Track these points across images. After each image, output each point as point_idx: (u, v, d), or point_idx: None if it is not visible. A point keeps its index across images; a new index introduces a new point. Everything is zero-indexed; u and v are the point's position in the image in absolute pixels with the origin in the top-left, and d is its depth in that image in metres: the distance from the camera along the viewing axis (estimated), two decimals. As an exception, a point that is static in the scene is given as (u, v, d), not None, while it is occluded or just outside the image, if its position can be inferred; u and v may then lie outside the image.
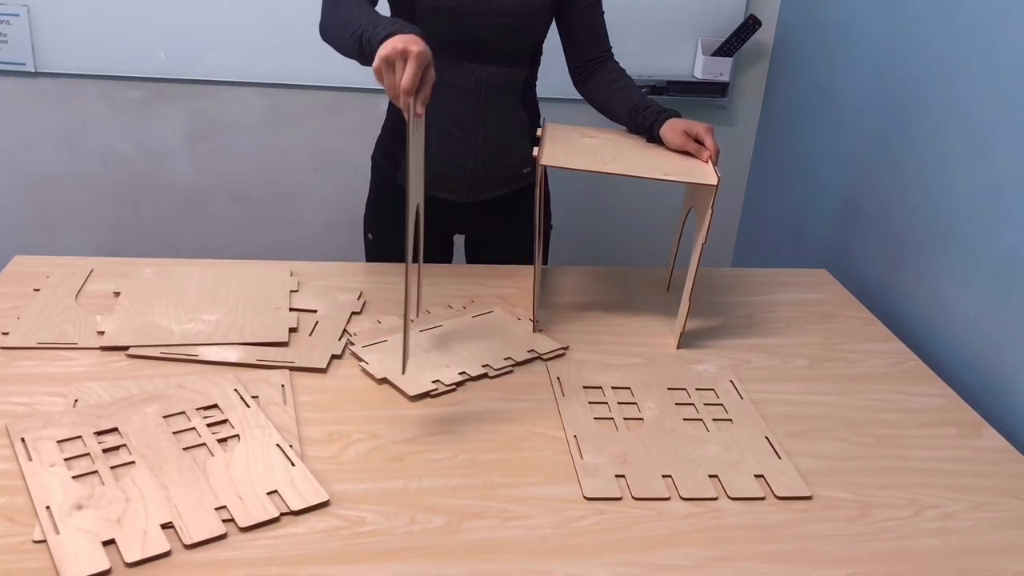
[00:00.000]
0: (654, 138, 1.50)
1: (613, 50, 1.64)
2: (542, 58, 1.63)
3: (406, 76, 1.09)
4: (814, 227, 2.11)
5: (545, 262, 1.70)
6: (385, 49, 1.11)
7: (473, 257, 1.82)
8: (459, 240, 1.83)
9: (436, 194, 1.62)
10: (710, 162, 1.41)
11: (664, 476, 1.12)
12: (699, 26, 2.33)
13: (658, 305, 1.58)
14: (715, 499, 1.09)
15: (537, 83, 1.66)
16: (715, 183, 1.33)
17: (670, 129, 1.46)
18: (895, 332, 1.58)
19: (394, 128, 1.64)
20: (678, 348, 1.44)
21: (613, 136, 1.54)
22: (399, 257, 1.68)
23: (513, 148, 1.62)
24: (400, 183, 1.63)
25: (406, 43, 1.10)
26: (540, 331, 1.45)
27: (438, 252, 1.77)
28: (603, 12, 1.60)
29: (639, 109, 1.53)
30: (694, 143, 1.43)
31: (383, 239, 1.74)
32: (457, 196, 1.64)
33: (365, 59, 1.22)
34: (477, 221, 1.71)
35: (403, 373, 1.21)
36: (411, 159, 1.11)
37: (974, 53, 1.53)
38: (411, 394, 1.26)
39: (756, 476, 1.14)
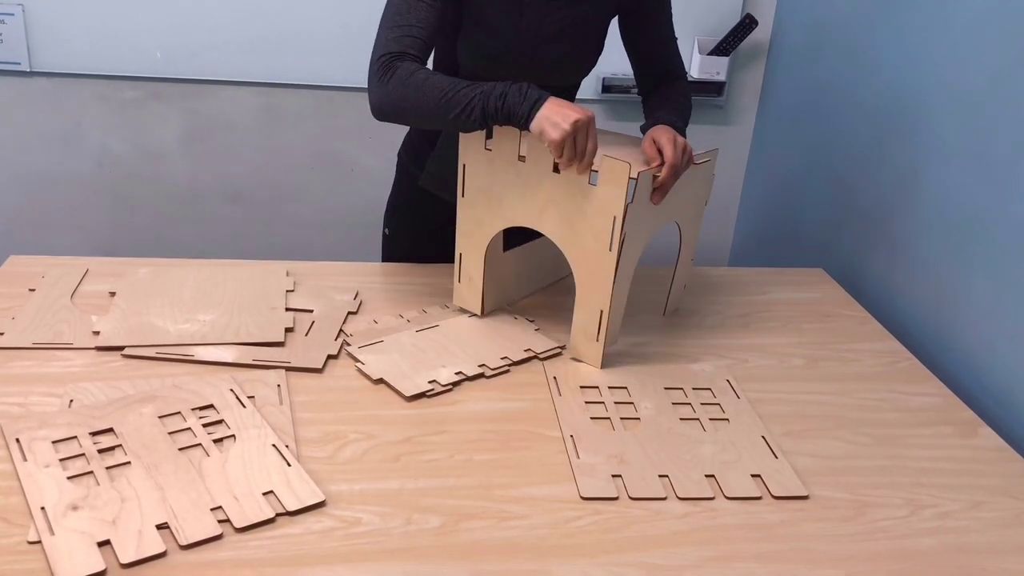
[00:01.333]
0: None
1: (681, 73, 1.58)
2: None
3: (590, 147, 1.22)
4: (810, 226, 2.11)
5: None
6: (566, 124, 1.18)
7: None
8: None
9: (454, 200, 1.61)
10: (652, 175, 1.31)
11: (661, 476, 1.12)
12: (695, 25, 2.33)
13: (655, 304, 1.58)
14: (712, 499, 1.09)
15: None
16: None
17: (647, 134, 1.40)
18: (892, 331, 1.58)
19: (422, 132, 1.64)
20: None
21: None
22: (412, 254, 1.72)
23: None
24: (422, 186, 1.63)
25: (578, 113, 1.19)
26: (537, 330, 1.45)
27: (445, 250, 1.77)
28: (675, 40, 1.54)
29: (649, 117, 1.48)
30: (654, 150, 1.34)
31: (398, 236, 1.75)
32: None
33: (488, 125, 1.26)
34: None
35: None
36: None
37: (971, 51, 1.53)
38: (407, 394, 1.26)
39: (753, 476, 1.14)
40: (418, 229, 1.71)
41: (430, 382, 1.29)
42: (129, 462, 1.07)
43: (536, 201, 1.34)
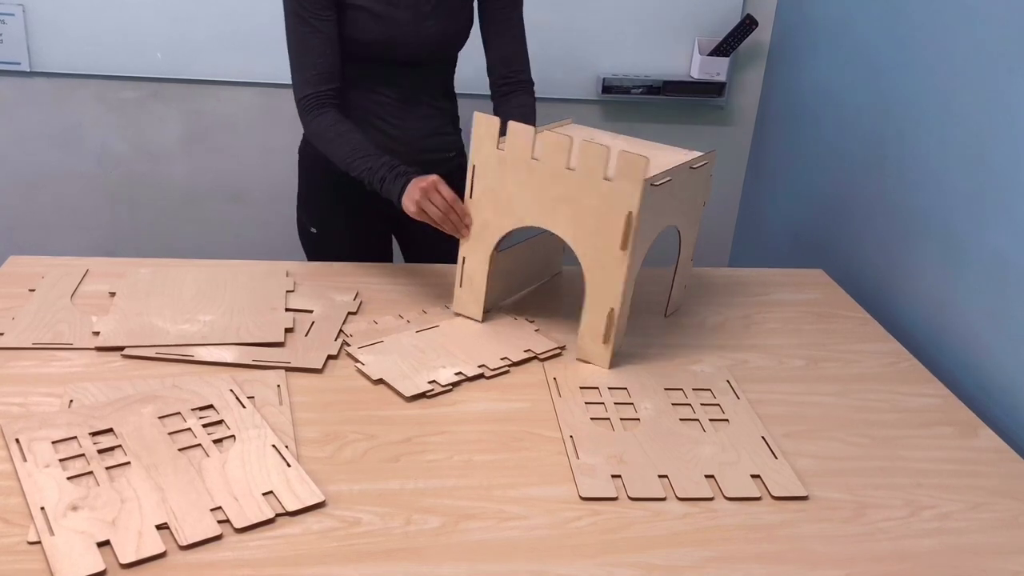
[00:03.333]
0: None
1: (528, 74, 1.66)
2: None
3: (445, 196, 1.37)
4: (811, 227, 2.11)
5: None
6: (415, 195, 1.38)
7: (411, 252, 1.85)
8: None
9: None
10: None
11: (660, 476, 1.12)
12: (696, 26, 2.32)
13: (655, 305, 1.58)
14: (711, 499, 1.09)
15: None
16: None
17: None
18: (892, 332, 1.58)
19: None
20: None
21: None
22: (346, 251, 1.71)
23: (438, 135, 1.69)
24: (337, 170, 1.61)
25: (423, 183, 1.37)
26: (537, 331, 1.45)
27: (385, 243, 1.82)
28: (522, 31, 1.64)
29: None
30: None
31: (328, 232, 1.74)
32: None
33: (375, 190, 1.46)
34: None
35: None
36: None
37: (969, 53, 1.53)
38: (407, 395, 1.26)
39: (752, 476, 1.14)
40: (347, 216, 1.72)
41: (430, 382, 1.29)
42: (129, 462, 1.07)
43: (548, 199, 1.33)
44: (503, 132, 1.36)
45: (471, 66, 1.66)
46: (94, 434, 1.11)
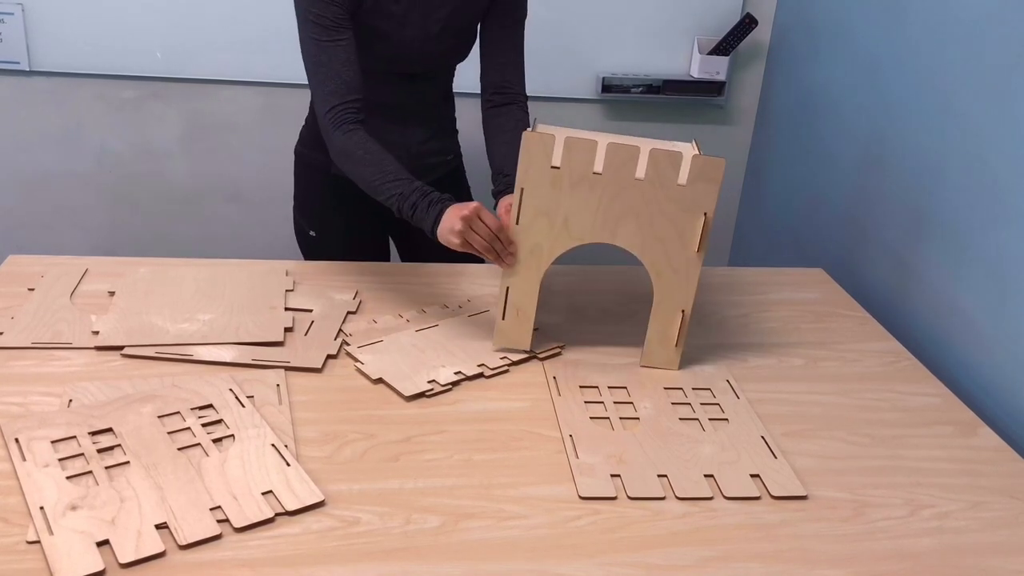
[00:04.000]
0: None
1: (522, 94, 1.63)
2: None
3: (490, 224, 1.28)
4: (810, 226, 2.11)
5: None
6: (458, 226, 1.27)
7: (408, 252, 1.85)
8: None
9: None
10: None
11: (660, 476, 1.12)
12: (695, 25, 2.32)
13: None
14: (711, 499, 1.09)
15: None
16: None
17: (503, 201, 1.47)
18: (891, 331, 1.58)
19: None
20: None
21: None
22: (345, 253, 1.71)
23: (436, 139, 1.69)
24: (335, 173, 1.61)
25: (464, 211, 1.28)
26: (537, 330, 1.45)
27: (382, 245, 1.81)
28: (521, 50, 1.61)
29: (495, 170, 1.56)
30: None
31: (327, 235, 1.74)
32: None
33: (403, 216, 1.37)
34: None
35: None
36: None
37: (969, 52, 1.53)
38: (407, 394, 1.26)
39: (752, 476, 1.14)
40: (346, 218, 1.71)
41: (429, 382, 1.29)
42: (128, 462, 1.07)
43: (612, 214, 1.30)
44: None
45: (471, 67, 1.66)
46: (93, 433, 1.11)
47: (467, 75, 1.68)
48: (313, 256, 1.76)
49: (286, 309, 1.46)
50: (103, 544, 0.94)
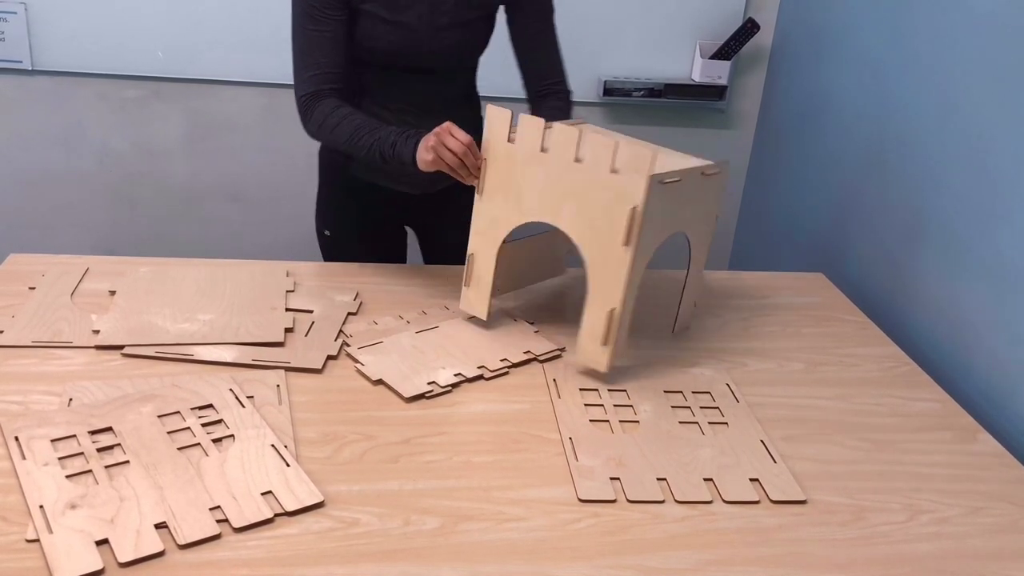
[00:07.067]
0: None
1: (563, 84, 1.63)
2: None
3: (461, 139, 1.32)
4: (811, 230, 2.11)
5: None
6: (431, 141, 1.33)
7: (427, 246, 1.85)
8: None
9: (393, 187, 1.65)
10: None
11: (659, 479, 1.12)
12: (697, 29, 2.33)
13: (656, 307, 1.58)
14: (710, 502, 1.09)
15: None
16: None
17: None
18: (891, 336, 1.58)
19: None
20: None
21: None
22: (359, 253, 1.72)
23: None
24: (354, 174, 1.65)
25: (440, 128, 1.34)
26: (537, 332, 1.45)
27: (396, 244, 1.81)
28: (554, 43, 1.62)
29: None
30: None
31: (341, 235, 1.75)
32: (412, 189, 1.67)
33: (388, 164, 1.42)
34: (430, 211, 1.74)
35: None
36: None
37: (969, 57, 1.53)
38: (406, 395, 1.26)
39: (751, 480, 1.14)
40: (360, 220, 1.72)
41: (429, 383, 1.29)
42: (128, 461, 1.07)
43: (556, 194, 1.32)
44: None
45: (496, 69, 1.65)
46: (93, 433, 1.11)
47: (492, 78, 1.67)
48: (330, 257, 1.77)
49: (286, 310, 1.46)
50: (102, 543, 0.94)
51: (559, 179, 1.31)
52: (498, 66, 1.65)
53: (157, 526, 0.97)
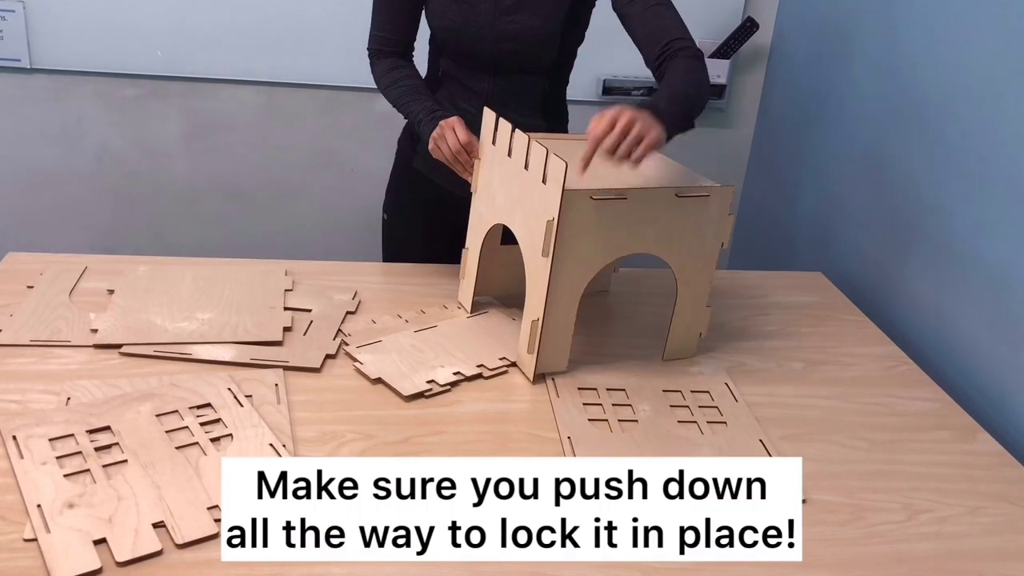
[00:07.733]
0: None
1: (685, 42, 1.45)
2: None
3: (459, 137, 1.38)
4: (810, 230, 2.11)
5: None
6: (437, 135, 1.40)
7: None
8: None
9: (455, 191, 1.62)
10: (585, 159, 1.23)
11: (658, 478, 1.12)
12: (696, 28, 2.29)
13: (655, 306, 1.58)
14: (709, 502, 1.09)
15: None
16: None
17: None
18: (890, 336, 1.58)
19: None
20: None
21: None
22: (410, 238, 1.75)
23: None
24: (416, 167, 1.67)
25: (445, 122, 1.39)
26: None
27: (449, 243, 1.76)
28: (669, 5, 1.49)
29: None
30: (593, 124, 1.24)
31: (396, 220, 1.78)
32: (454, 188, 1.63)
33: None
34: None
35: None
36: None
37: (970, 56, 1.53)
38: (405, 394, 1.26)
39: (750, 479, 1.14)
40: (415, 212, 1.74)
41: (428, 382, 1.29)
42: (126, 460, 1.06)
43: (511, 198, 1.34)
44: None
45: (584, 72, 1.60)
46: (91, 432, 1.11)
47: (582, 83, 1.64)
48: (387, 242, 1.80)
49: (285, 309, 1.46)
50: (100, 542, 0.94)
51: (514, 184, 1.32)
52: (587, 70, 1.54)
53: (155, 525, 0.97)
